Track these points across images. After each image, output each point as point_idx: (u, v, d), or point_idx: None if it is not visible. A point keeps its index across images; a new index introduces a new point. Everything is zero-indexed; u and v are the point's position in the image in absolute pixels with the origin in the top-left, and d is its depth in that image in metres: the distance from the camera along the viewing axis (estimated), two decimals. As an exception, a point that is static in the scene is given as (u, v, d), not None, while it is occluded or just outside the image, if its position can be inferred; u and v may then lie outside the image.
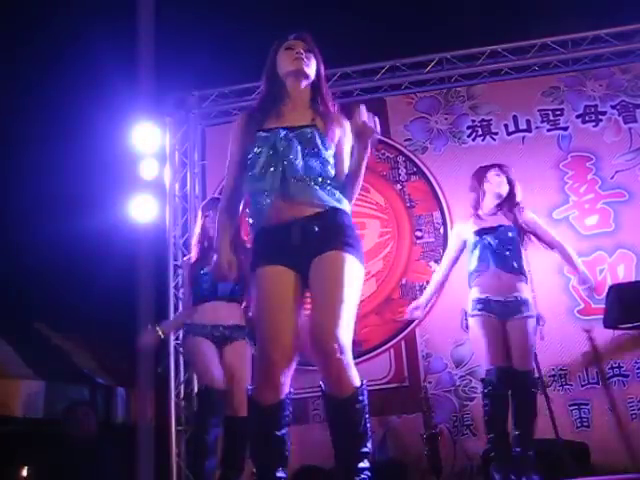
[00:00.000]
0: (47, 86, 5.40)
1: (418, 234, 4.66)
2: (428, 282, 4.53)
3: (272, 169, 2.08)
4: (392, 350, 4.47)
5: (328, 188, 2.10)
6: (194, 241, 3.67)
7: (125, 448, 4.34)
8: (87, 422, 4.38)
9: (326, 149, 2.12)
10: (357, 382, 1.93)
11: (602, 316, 3.66)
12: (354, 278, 2.01)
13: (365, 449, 1.93)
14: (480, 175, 3.49)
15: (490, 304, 3.22)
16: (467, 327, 3.35)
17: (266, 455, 2.02)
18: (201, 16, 5.09)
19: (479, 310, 3.24)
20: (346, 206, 2.13)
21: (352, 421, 1.93)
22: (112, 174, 5.14)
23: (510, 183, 3.42)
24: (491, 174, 3.45)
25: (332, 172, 2.13)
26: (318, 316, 1.94)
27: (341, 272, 1.97)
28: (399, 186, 4.78)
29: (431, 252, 4.60)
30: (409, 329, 4.47)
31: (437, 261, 4.56)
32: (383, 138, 4.86)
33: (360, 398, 1.93)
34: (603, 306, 3.65)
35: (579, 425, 4.11)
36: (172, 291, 4.83)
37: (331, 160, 2.15)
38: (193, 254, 3.63)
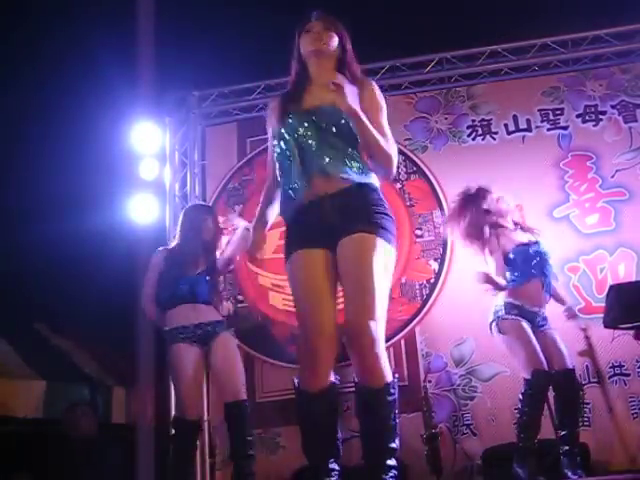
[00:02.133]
0: (47, 86, 5.40)
1: (418, 233, 4.66)
2: (428, 281, 4.56)
3: (293, 152, 2.08)
4: (392, 349, 4.45)
5: (352, 162, 2.07)
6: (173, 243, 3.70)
7: (125, 448, 4.35)
8: (87, 422, 4.38)
9: (346, 123, 2.08)
10: (389, 376, 1.94)
11: (602, 315, 3.65)
12: (383, 262, 1.97)
13: (393, 445, 1.93)
14: (480, 201, 3.55)
15: (524, 311, 3.35)
16: (499, 331, 3.41)
17: (317, 444, 2.02)
18: (201, 16, 5.09)
19: (515, 315, 3.34)
20: (373, 179, 2.10)
21: (382, 413, 1.93)
22: (112, 174, 5.14)
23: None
24: (488, 200, 3.53)
25: (355, 144, 2.10)
26: (350, 308, 1.93)
27: (369, 259, 1.95)
28: (399, 185, 4.78)
29: (431, 251, 4.60)
30: (409, 328, 4.47)
31: (437, 259, 4.58)
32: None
33: (392, 391, 1.94)
34: (603, 305, 3.65)
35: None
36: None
37: (353, 130, 2.09)
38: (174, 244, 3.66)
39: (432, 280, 4.52)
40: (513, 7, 5.06)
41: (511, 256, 3.44)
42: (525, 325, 3.32)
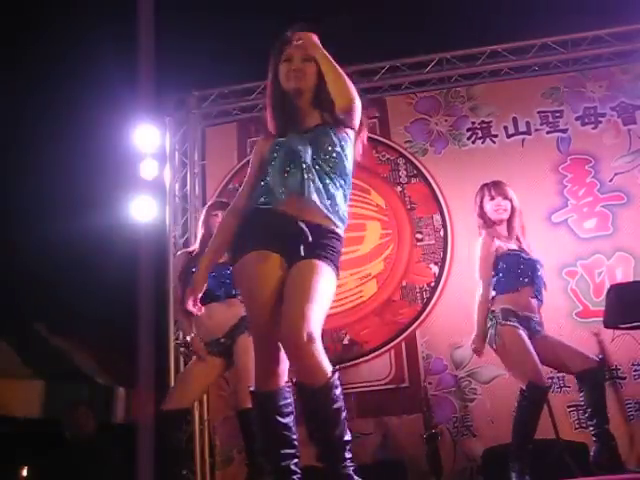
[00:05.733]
0: (47, 87, 5.39)
1: (418, 236, 4.67)
2: (429, 284, 4.57)
3: (290, 170, 2.09)
4: (392, 351, 4.48)
5: (334, 199, 2.10)
6: (199, 239, 3.65)
7: (125, 448, 4.36)
8: (87, 422, 4.39)
9: (339, 141, 2.14)
10: (329, 370, 1.93)
11: (601, 318, 3.66)
12: (326, 281, 2.03)
13: (347, 437, 1.93)
14: (480, 201, 3.55)
15: (520, 317, 3.31)
16: (495, 336, 3.35)
17: (273, 445, 2.03)
18: (201, 16, 5.08)
19: (512, 322, 3.30)
20: (340, 223, 2.13)
21: (330, 409, 1.92)
22: (112, 174, 5.14)
23: (510, 203, 3.50)
24: (486, 200, 3.52)
25: (346, 166, 2.15)
26: (286, 309, 1.96)
27: (314, 273, 2.00)
28: (399, 188, 4.79)
29: (431, 254, 4.61)
30: (409, 330, 4.49)
31: (437, 263, 4.59)
32: (383, 140, 4.88)
33: (335, 384, 1.93)
34: (601, 308, 3.66)
35: (577, 426, 4.14)
36: (172, 291, 4.83)
37: (347, 150, 2.16)
38: (194, 248, 3.64)
39: (432, 283, 4.54)
40: (513, 7, 5.06)
41: (501, 263, 3.42)
42: (522, 333, 3.28)
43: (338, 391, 1.94)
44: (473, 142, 4.82)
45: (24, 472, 5.20)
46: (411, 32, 5.28)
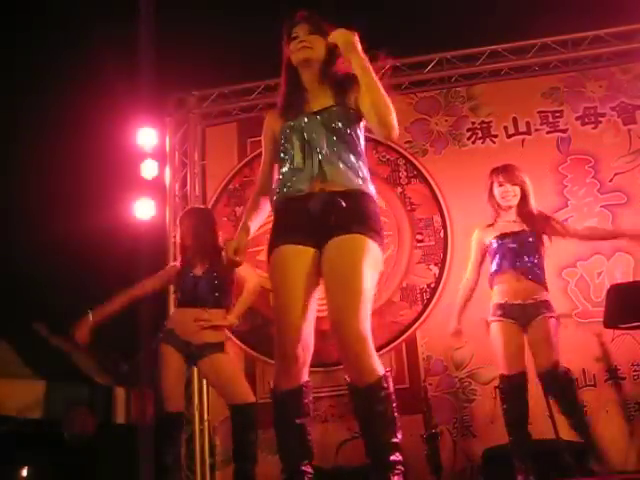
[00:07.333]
0: (48, 87, 5.40)
1: (419, 237, 4.66)
2: (429, 285, 4.57)
3: (306, 158, 2.09)
4: (393, 352, 4.48)
5: (356, 168, 2.10)
6: (179, 250, 3.69)
7: (125, 448, 4.37)
8: (86, 422, 4.39)
9: (352, 124, 2.14)
10: (380, 371, 1.94)
11: (600, 319, 3.67)
12: (372, 264, 2.00)
13: (395, 439, 1.92)
14: (489, 186, 3.55)
15: (510, 309, 3.32)
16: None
17: (288, 444, 2.04)
18: (201, 16, 5.08)
19: (499, 316, 3.34)
20: (372, 188, 2.13)
21: (378, 409, 1.92)
22: (112, 174, 5.15)
23: (520, 187, 3.49)
24: (495, 186, 3.52)
25: (360, 147, 2.15)
26: (336, 307, 1.94)
27: (359, 259, 1.96)
28: (400, 189, 4.78)
29: (431, 255, 4.60)
30: (410, 331, 4.49)
31: (437, 264, 4.58)
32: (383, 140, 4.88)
33: (384, 386, 1.93)
34: (601, 309, 3.67)
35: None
36: (172, 290, 4.83)
37: (359, 132, 2.16)
38: (178, 262, 3.66)
39: (433, 284, 4.54)
40: (513, 7, 5.06)
41: (487, 245, 3.48)
42: (507, 326, 3.30)
43: (388, 391, 1.93)
44: (473, 142, 4.81)
45: (24, 472, 5.20)
46: (411, 32, 5.28)
